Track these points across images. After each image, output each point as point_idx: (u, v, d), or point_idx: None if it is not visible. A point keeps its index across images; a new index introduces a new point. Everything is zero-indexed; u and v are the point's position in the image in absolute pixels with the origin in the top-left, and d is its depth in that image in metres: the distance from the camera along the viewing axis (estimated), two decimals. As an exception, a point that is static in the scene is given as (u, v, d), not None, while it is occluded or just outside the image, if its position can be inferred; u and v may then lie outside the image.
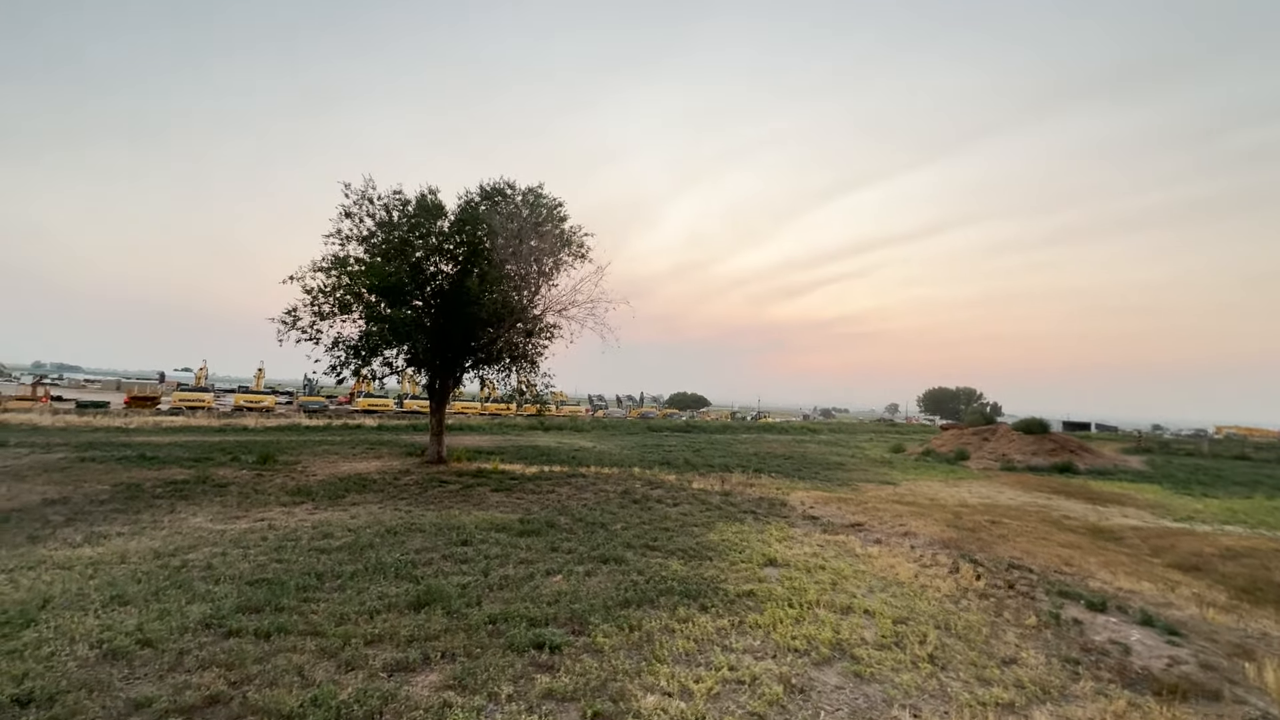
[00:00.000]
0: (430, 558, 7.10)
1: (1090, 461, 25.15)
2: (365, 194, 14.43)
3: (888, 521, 10.58)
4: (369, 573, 6.33)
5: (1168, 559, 8.88)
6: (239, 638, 4.54)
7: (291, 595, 5.49)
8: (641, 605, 5.53)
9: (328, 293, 13.54)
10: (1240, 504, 15.87)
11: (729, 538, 8.75)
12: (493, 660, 4.19)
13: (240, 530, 8.24)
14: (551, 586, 6.09)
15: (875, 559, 7.85)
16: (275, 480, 12.44)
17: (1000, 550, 8.30)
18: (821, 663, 4.48)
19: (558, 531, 8.79)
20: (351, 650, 4.32)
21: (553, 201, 16.31)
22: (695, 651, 4.52)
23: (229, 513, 9.39)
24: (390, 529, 8.53)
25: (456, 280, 15.21)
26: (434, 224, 15.17)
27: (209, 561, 6.59)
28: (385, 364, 14.75)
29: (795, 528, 9.85)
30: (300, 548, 7.35)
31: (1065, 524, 11.84)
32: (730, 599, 5.79)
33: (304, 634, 4.62)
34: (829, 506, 11.99)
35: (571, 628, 4.91)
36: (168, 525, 8.35)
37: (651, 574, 6.61)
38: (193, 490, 10.92)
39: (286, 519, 9.13)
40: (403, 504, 10.74)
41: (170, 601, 5.25)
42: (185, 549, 7.14)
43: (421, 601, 5.38)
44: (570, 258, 16.35)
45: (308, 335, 13.77)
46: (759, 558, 7.53)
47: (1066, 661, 4.67)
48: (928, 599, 6.15)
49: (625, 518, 10.05)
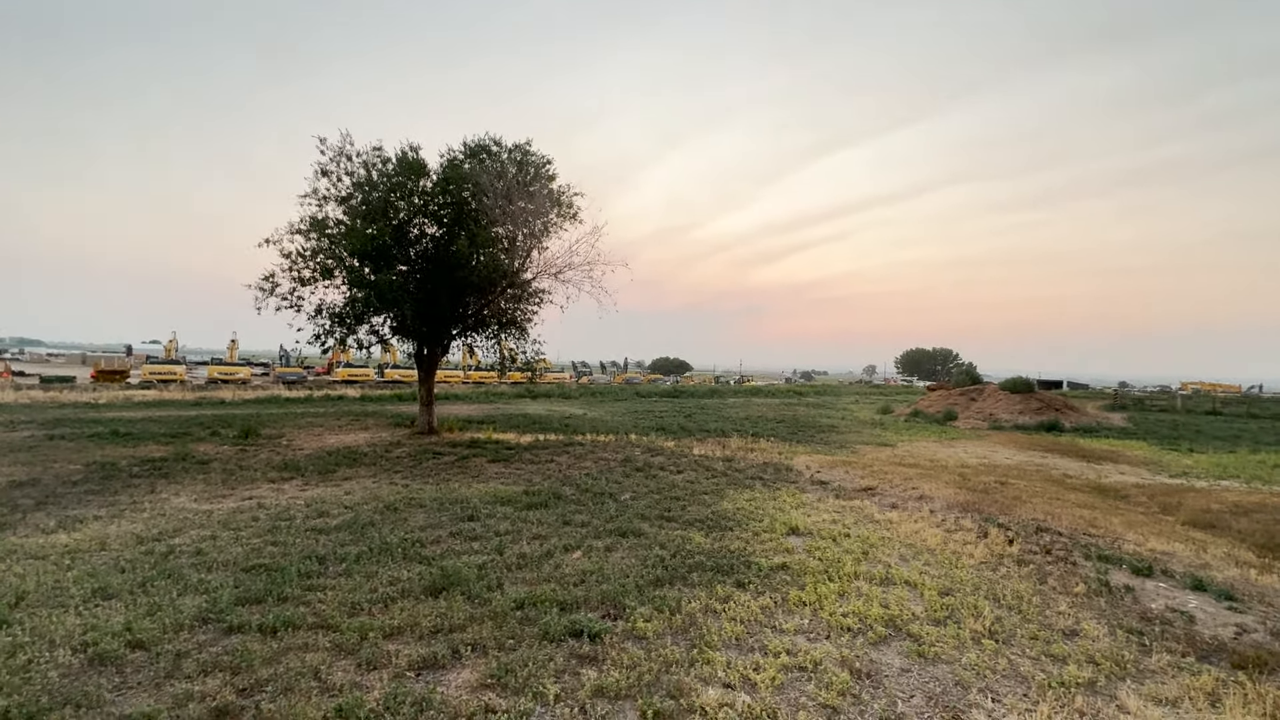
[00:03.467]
0: (437, 535, 6.70)
1: (1075, 419, 25.55)
2: (343, 150, 13.47)
3: (898, 485, 10.42)
4: (375, 554, 5.91)
5: (1181, 517, 8.86)
6: (242, 634, 4.10)
7: (294, 583, 5.05)
8: (674, 583, 5.20)
9: (307, 257, 12.70)
10: (1228, 459, 16.17)
11: (743, 506, 8.50)
12: (529, 653, 3.82)
13: (228, 510, 7.73)
14: (573, 564, 5.74)
15: (897, 525, 7.65)
16: (260, 455, 11.86)
17: (1021, 512, 8.16)
18: (879, 643, 4.21)
19: (565, 503, 8.44)
20: (371, 646, 3.91)
21: (541, 159, 15.49)
22: (745, 635, 4.20)
23: (214, 491, 8.85)
24: (389, 505, 8.10)
25: (442, 243, 14.46)
26: (417, 183, 14.30)
27: (198, 546, 6.10)
28: (372, 332, 14.04)
29: (806, 493, 9.64)
30: (296, 528, 6.88)
31: (1069, 483, 11.85)
32: (764, 573, 5.49)
33: (315, 628, 4.20)
34: (836, 470, 11.82)
35: (606, 611, 4.56)
36: (149, 507, 7.80)
37: (675, 548, 6.30)
38: (173, 468, 10.30)
39: (277, 497, 8.63)
40: (398, 477, 10.29)
41: (160, 594, 4.78)
42: (170, 532, 6.63)
43: (438, 586, 4.98)
44: (560, 219, 15.64)
45: (288, 302, 12.97)
46: (781, 527, 7.27)
47: (1130, 633, 4.47)
48: (964, 567, 5.94)
49: (632, 487, 9.74)
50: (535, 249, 15.39)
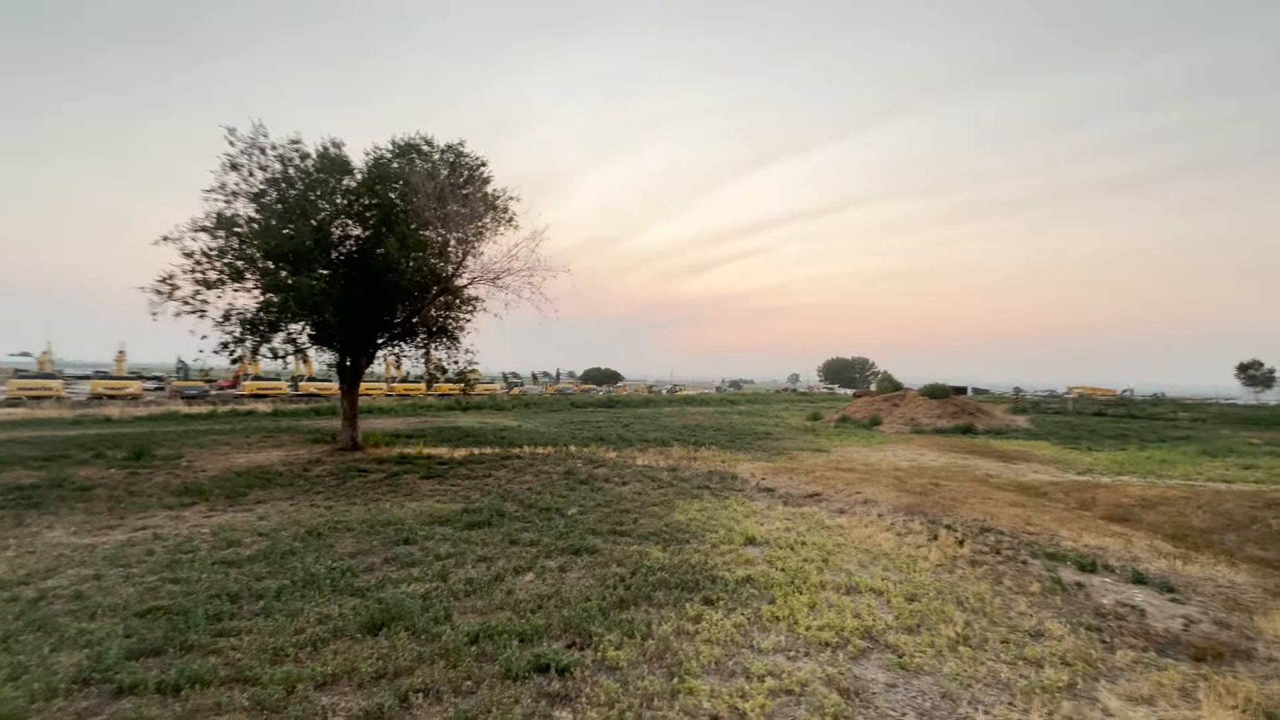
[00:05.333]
0: (370, 562, 6.07)
1: (986, 422, 27.29)
2: (255, 143, 12.33)
3: (842, 490, 10.56)
4: (298, 588, 5.23)
5: (1098, 512, 9.44)
6: (135, 697, 3.42)
7: (201, 627, 4.34)
8: (639, 604, 4.88)
9: (213, 257, 11.46)
10: (1122, 456, 17.64)
11: (695, 517, 8.30)
12: (491, 696, 3.39)
13: (116, 544, 6.71)
14: (526, 588, 5.30)
15: (849, 530, 7.67)
16: (155, 479, 10.54)
17: (962, 513, 8.42)
18: (860, 657, 4.06)
19: (509, 521, 7.95)
20: (300, 701, 3.34)
21: (475, 161, 14.88)
22: (725, 658, 3.94)
23: (98, 522, 7.71)
24: (311, 530, 7.32)
25: (368, 246, 13.54)
26: (340, 181, 13.34)
27: (77, 589, 5.20)
28: (288, 340, 12.85)
29: (755, 501, 9.58)
30: (200, 561, 6.04)
31: (993, 482, 12.46)
32: (731, 588, 5.27)
33: (229, 682, 3.57)
34: (780, 477, 11.88)
35: (571, 640, 4.17)
36: (14, 543, 6.64)
37: (633, 564, 5.98)
38: (45, 496, 8.92)
39: (176, 525, 7.62)
40: (319, 499, 9.41)
41: (26, 651, 3.96)
42: (41, 573, 5.64)
43: (377, 621, 4.42)
44: (495, 223, 15.04)
45: (190, 307, 11.62)
46: (738, 537, 7.11)
47: (1090, 629, 4.56)
48: (922, 570, 5.97)
49: (578, 500, 9.35)
50: (469, 254, 14.71)
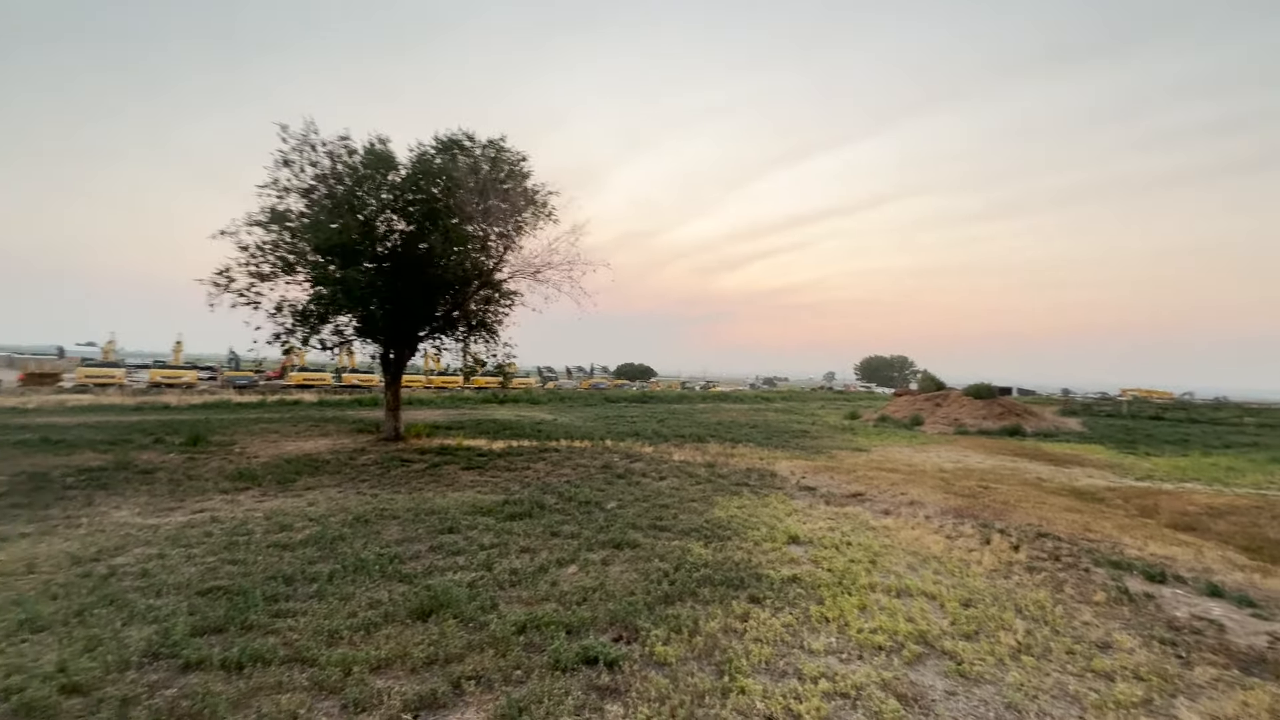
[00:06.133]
0: (416, 550, 6.18)
1: (1035, 424, 26.29)
2: (306, 139, 12.69)
3: (886, 490, 10.31)
4: (349, 573, 5.36)
5: (1162, 520, 8.97)
6: (202, 672, 3.54)
7: (259, 607, 4.48)
8: (684, 600, 4.84)
9: (266, 250, 11.85)
10: (1184, 462, 16.75)
11: (735, 513, 8.20)
12: (541, 686, 3.39)
13: (177, 525, 6.99)
14: (570, 579, 5.32)
15: (895, 531, 7.46)
16: (211, 464, 10.98)
17: (1015, 517, 8.10)
18: (915, 662, 3.93)
19: (549, 513, 7.99)
20: (357, 683, 3.41)
21: (515, 156, 14.99)
22: (775, 658, 3.86)
23: (160, 504, 8.06)
24: (359, 516, 7.49)
25: (412, 240, 13.79)
26: (385, 177, 13.62)
27: (144, 567, 5.43)
28: (336, 332, 13.21)
29: (796, 500, 9.42)
30: (255, 544, 6.24)
31: (1045, 486, 11.98)
32: (777, 586, 5.18)
33: (288, 662, 3.67)
34: (820, 476, 11.66)
35: (618, 634, 4.15)
36: (85, 522, 6.99)
37: (676, 560, 5.93)
38: (112, 478, 9.38)
39: (232, 509, 7.90)
40: (365, 486, 9.63)
41: (100, 624, 4.15)
42: (111, 551, 5.91)
43: (426, 608, 4.48)
44: (534, 217, 15.15)
45: (245, 299, 12.06)
46: (780, 535, 6.99)
47: (1164, 643, 4.32)
48: (975, 575, 5.76)
49: (616, 494, 9.35)
50: (509, 248, 14.86)
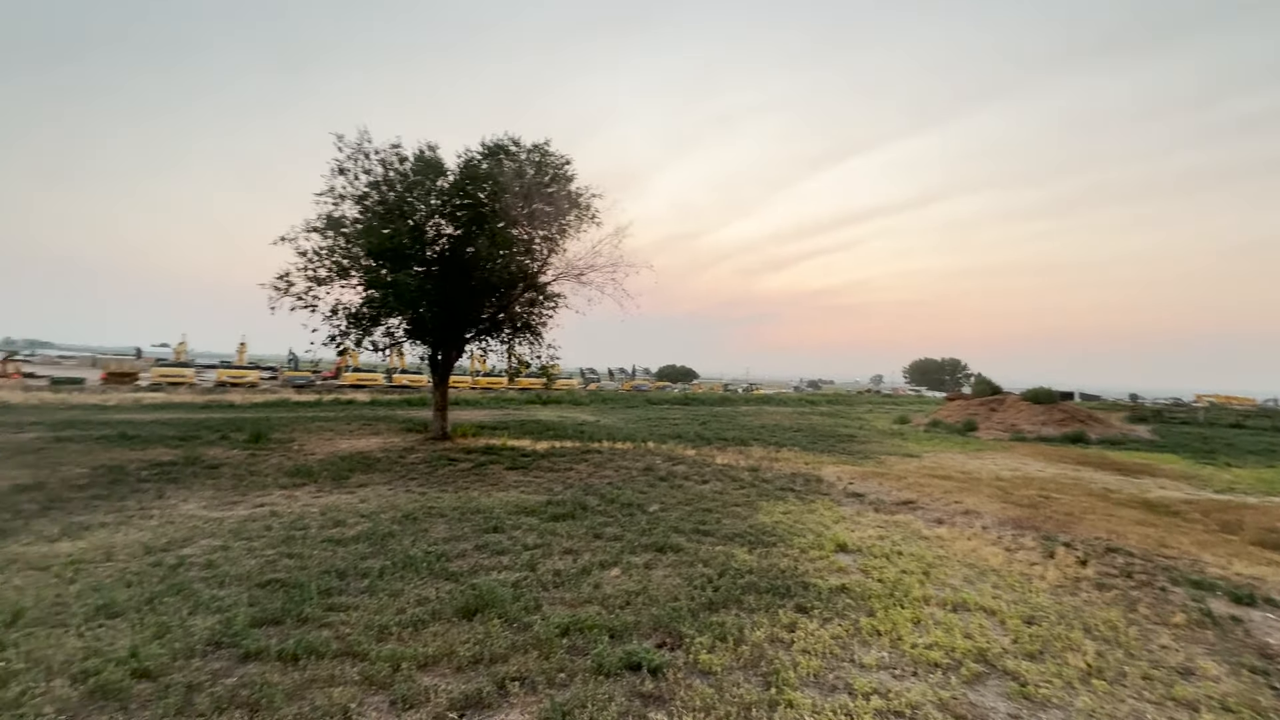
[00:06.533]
0: (462, 549, 6.28)
1: (1100, 431, 24.89)
2: (360, 148, 13.14)
3: (939, 498, 9.92)
4: (398, 569, 5.48)
5: (1247, 536, 8.31)
6: (260, 662, 3.67)
7: (314, 601, 4.63)
8: (729, 607, 4.75)
9: (323, 255, 12.35)
10: (1270, 474, 15.54)
11: (780, 519, 8.03)
12: (585, 691, 3.38)
13: (240, 518, 7.33)
14: (613, 583, 5.30)
15: (950, 542, 7.16)
16: (271, 460, 11.47)
17: (1080, 530, 7.66)
18: (974, 681, 3.74)
19: (592, 514, 8.01)
20: (405, 679, 3.47)
21: (560, 160, 15.13)
22: (825, 671, 3.74)
23: (224, 497, 8.46)
24: (408, 514, 7.68)
25: (459, 244, 14.10)
26: (434, 182, 13.97)
27: (209, 558, 5.70)
28: (387, 334, 13.65)
29: (843, 506, 9.16)
30: (311, 538, 6.47)
31: (1113, 498, 11.30)
32: (825, 596, 5.03)
33: (340, 655, 3.77)
34: (868, 482, 11.33)
35: (661, 640, 4.11)
36: (157, 514, 7.40)
37: (719, 565, 5.84)
38: (182, 473, 9.92)
39: (289, 504, 8.23)
40: (414, 485, 9.88)
41: (169, 612, 4.36)
42: (179, 542, 6.23)
43: (471, 607, 4.54)
44: (578, 220, 15.26)
45: (304, 302, 12.61)
46: (828, 543, 6.79)
47: (1254, 673, 3.99)
48: (1038, 591, 5.45)
49: (658, 497, 9.30)
50: (553, 251, 15.03)
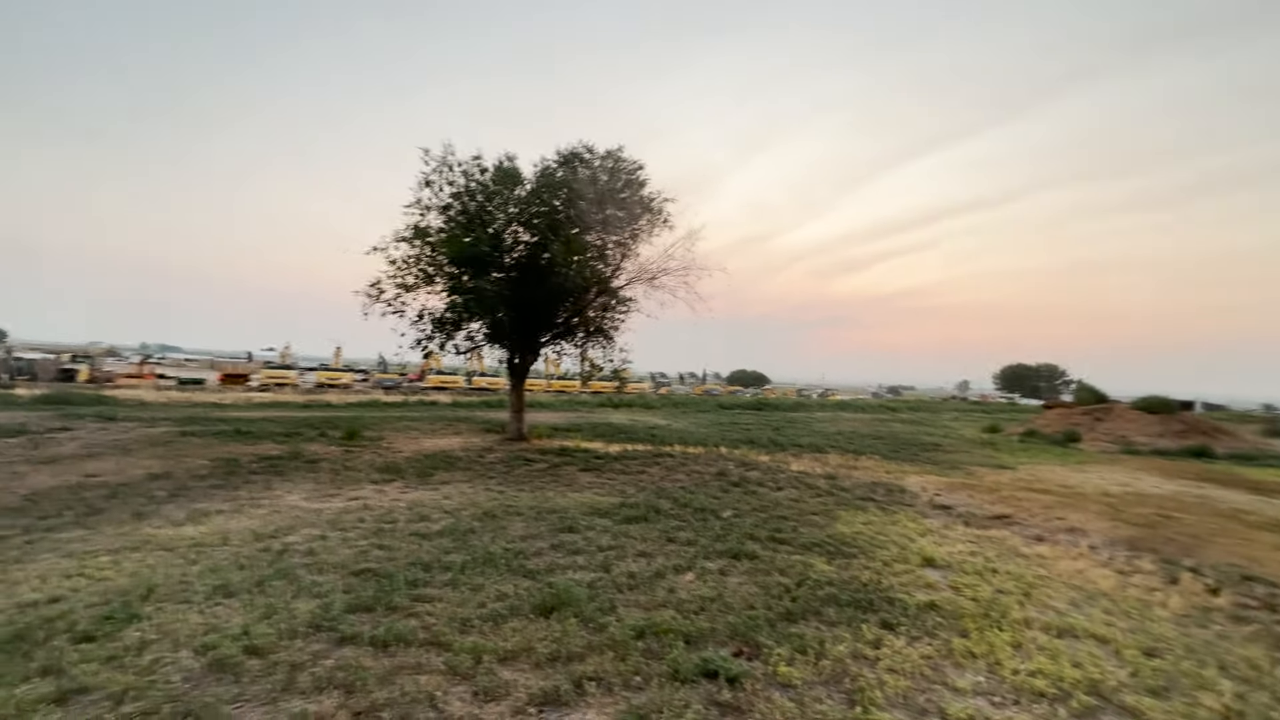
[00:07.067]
0: (538, 547, 6.41)
1: (1228, 445, 22.32)
2: (445, 160, 13.81)
3: (1037, 514, 9.19)
4: (479, 564, 5.67)
5: None
6: (355, 646, 3.89)
7: (402, 591, 4.87)
8: (808, 618, 4.58)
9: (410, 264, 13.08)
10: None
11: (861, 530, 7.69)
12: (660, 695, 3.35)
13: (336, 510, 7.83)
14: (687, 587, 5.24)
15: (1052, 562, 6.60)
16: (363, 456, 12.21)
17: (1209, 555, 6.86)
18: (1085, 715, 3.41)
19: (664, 518, 7.98)
20: (486, 672, 3.58)
21: (632, 165, 15.26)
22: (914, 692, 3.53)
23: (323, 490, 9.08)
24: (487, 511, 7.94)
25: (536, 250, 14.51)
26: (512, 191, 14.46)
27: (309, 546, 6.12)
28: (468, 338, 14.26)
29: (929, 519, 8.67)
30: (399, 532, 6.82)
31: (1247, 519, 10.06)
32: (913, 613, 4.76)
33: (426, 645, 3.93)
34: (957, 494, 10.66)
35: (738, 648, 4.01)
36: (265, 503, 8.05)
37: (797, 575, 5.66)
38: (286, 466, 10.75)
39: (380, 498, 8.72)
40: (493, 483, 10.21)
41: (275, 595, 4.72)
42: (284, 530, 6.73)
43: (548, 605, 4.62)
44: (650, 225, 15.33)
45: (393, 308, 13.41)
46: (913, 556, 6.44)
47: None
48: (1159, 620, 4.92)
49: (731, 503, 9.15)
50: (626, 255, 15.19)
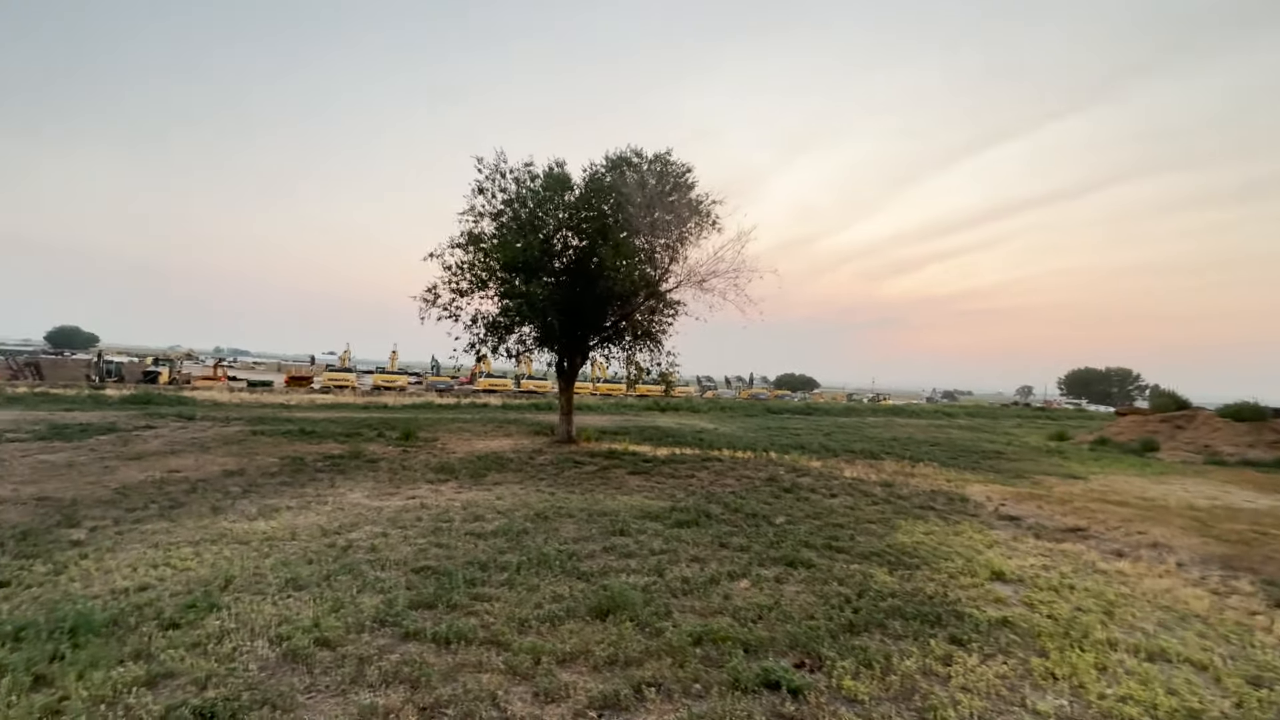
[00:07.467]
0: (591, 550, 6.43)
1: (1332, 457, 20.40)
2: (497, 168, 14.13)
3: (1115, 527, 8.63)
4: (533, 565, 5.73)
5: None
6: (418, 642, 3.98)
7: (461, 589, 4.96)
8: (871, 631, 4.42)
9: (465, 269, 13.44)
10: None
11: (922, 540, 7.40)
12: (722, 705, 3.28)
13: (395, 508, 8.07)
14: (743, 594, 5.15)
15: (1135, 579, 6.17)
16: (419, 457, 12.57)
17: (1317, 576, 6.26)
18: (1186, 748, 3.15)
19: (716, 523, 7.89)
20: (545, 673, 3.59)
21: (680, 168, 15.23)
22: (990, 713, 3.34)
23: (382, 489, 9.38)
24: (539, 512, 8.03)
25: (585, 255, 14.65)
26: (562, 197, 14.66)
27: (372, 543, 6.32)
28: (519, 341, 14.54)
29: (996, 530, 8.26)
30: (455, 531, 6.97)
31: (1360, 539, 9.16)
32: (984, 629, 4.52)
33: (486, 644, 3.98)
34: (1024, 505, 10.13)
35: (800, 659, 3.90)
36: (330, 500, 8.37)
37: (857, 585, 5.48)
38: (348, 465, 11.17)
39: (436, 497, 8.94)
40: (543, 485, 10.33)
41: (342, 589, 4.89)
42: (348, 527, 6.98)
43: (604, 607, 4.62)
44: (698, 227, 15.25)
45: (448, 313, 13.80)
46: (981, 569, 6.13)
47: None
48: (1264, 646, 4.51)
49: (783, 509, 8.96)
50: (674, 259, 15.16)
